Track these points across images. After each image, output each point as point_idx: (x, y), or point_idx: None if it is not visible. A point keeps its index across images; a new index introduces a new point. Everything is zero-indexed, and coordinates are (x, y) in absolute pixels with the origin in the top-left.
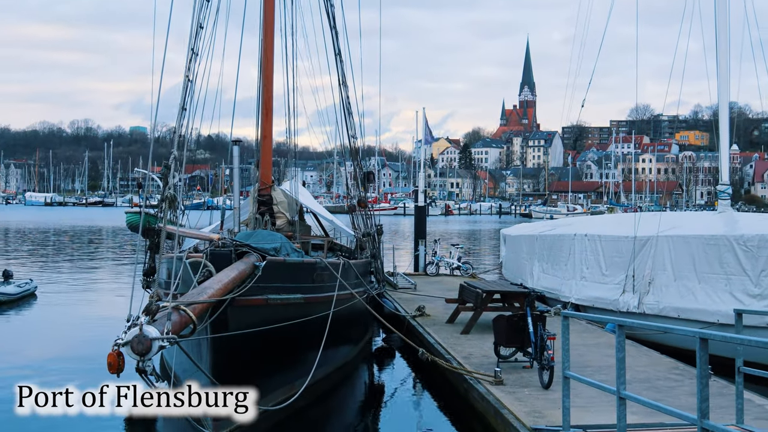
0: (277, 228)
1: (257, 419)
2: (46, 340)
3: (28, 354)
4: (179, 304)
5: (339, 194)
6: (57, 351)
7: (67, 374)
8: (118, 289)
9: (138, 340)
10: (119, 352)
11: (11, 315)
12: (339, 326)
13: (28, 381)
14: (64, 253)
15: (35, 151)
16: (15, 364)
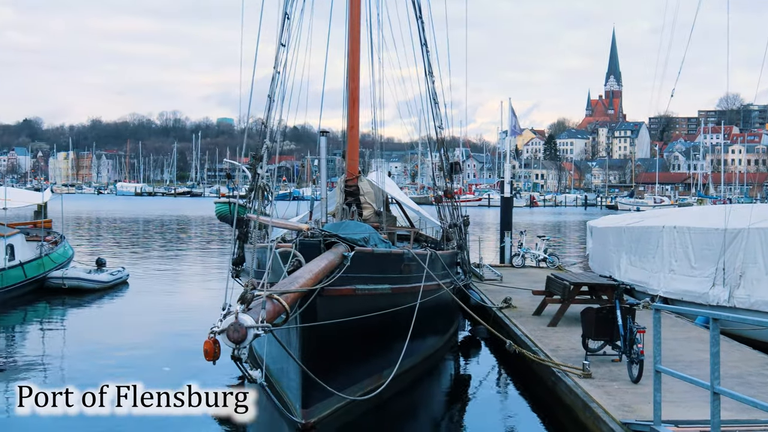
0: (363, 218)
1: (345, 409)
2: (139, 327)
3: (122, 340)
4: (273, 293)
5: (423, 185)
6: (149, 338)
7: (159, 361)
8: (207, 278)
9: (234, 328)
10: (215, 340)
11: (104, 302)
12: (425, 317)
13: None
14: (154, 242)
15: (126, 143)
16: (110, 349)
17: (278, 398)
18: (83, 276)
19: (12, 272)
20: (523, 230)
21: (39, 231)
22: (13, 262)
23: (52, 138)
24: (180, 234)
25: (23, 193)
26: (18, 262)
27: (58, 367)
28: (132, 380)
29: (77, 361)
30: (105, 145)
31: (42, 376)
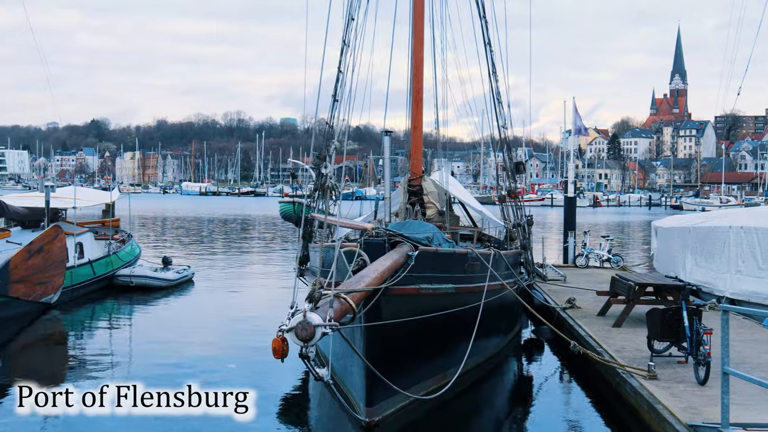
0: (427, 218)
1: (409, 408)
2: (204, 325)
3: (188, 338)
4: (340, 292)
5: (486, 185)
6: (214, 335)
7: (225, 358)
8: (270, 277)
9: (302, 326)
10: (283, 338)
11: (170, 300)
12: (489, 317)
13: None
14: (218, 241)
15: (191, 143)
16: (176, 347)
17: (342, 397)
18: (150, 274)
19: (81, 270)
20: (586, 230)
21: (107, 230)
22: (82, 260)
23: (119, 138)
24: (244, 233)
25: (92, 193)
26: (87, 260)
27: (126, 364)
28: (199, 377)
29: (144, 358)
30: (170, 145)
31: (109, 373)
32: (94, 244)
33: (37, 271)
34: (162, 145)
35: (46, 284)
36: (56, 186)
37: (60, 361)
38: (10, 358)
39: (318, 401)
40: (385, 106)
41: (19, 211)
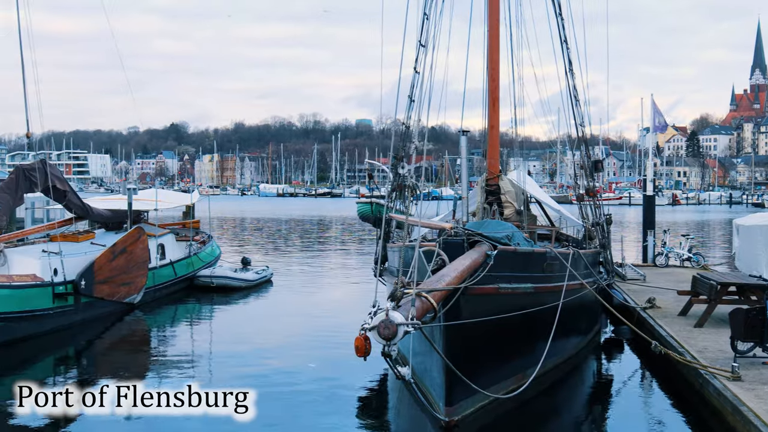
0: (504, 217)
1: (488, 407)
2: (284, 324)
3: (268, 337)
4: (421, 291)
5: (562, 184)
6: (294, 334)
7: (305, 357)
8: (348, 277)
9: (384, 325)
10: (366, 336)
11: (250, 300)
12: (568, 316)
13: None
14: (296, 241)
15: (267, 145)
16: (257, 346)
17: (421, 396)
18: (230, 275)
19: (163, 271)
20: (666, 229)
21: (188, 231)
22: (163, 261)
23: (198, 141)
24: (321, 234)
25: (173, 195)
26: (168, 261)
27: (207, 363)
28: (279, 377)
29: (225, 358)
30: (248, 147)
31: (191, 372)
32: (176, 245)
33: (121, 272)
34: (239, 147)
35: (129, 285)
36: (138, 189)
37: (143, 360)
38: (95, 357)
39: (397, 400)
40: (462, 106)
41: (102, 214)
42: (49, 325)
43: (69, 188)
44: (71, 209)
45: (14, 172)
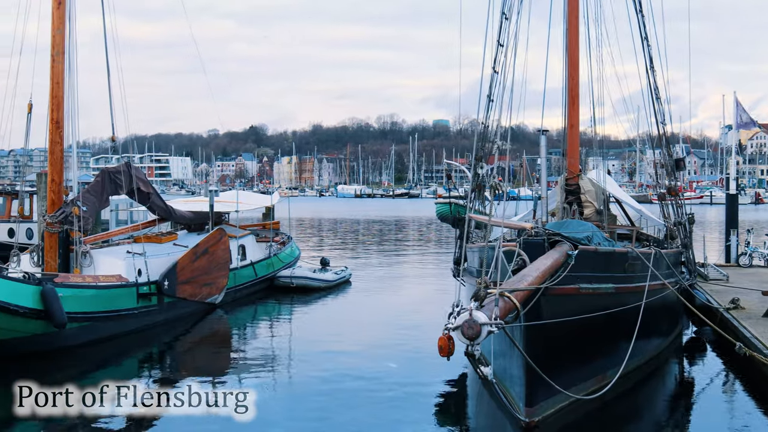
0: (584, 217)
1: (568, 408)
2: (363, 324)
3: (348, 337)
4: (504, 291)
5: (641, 183)
6: (373, 334)
7: (385, 357)
8: (426, 277)
9: (468, 324)
10: (450, 336)
11: (329, 300)
12: (650, 317)
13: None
14: (374, 242)
15: (345, 146)
16: (337, 346)
17: (503, 396)
18: (309, 275)
19: (244, 271)
20: (749, 228)
21: (268, 232)
22: (244, 262)
23: (276, 143)
24: (398, 234)
25: (254, 197)
26: (249, 261)
27: (286, 363)
28: (359, 376)
29: (304, 358)
30: (325, 149)
31: (270, 374)
32: (256, 246)
33: (203, 273)
34: (317, 149)
35: (210, 285)
36: (219, 190)
37: (224, 360)
38: (178, 356)
39: (476, 400)
40: (543, 106)
41: (185, 215)
42: (133, 325)
43: (153, 190)
44: (155, 211)
45: (100, 175)
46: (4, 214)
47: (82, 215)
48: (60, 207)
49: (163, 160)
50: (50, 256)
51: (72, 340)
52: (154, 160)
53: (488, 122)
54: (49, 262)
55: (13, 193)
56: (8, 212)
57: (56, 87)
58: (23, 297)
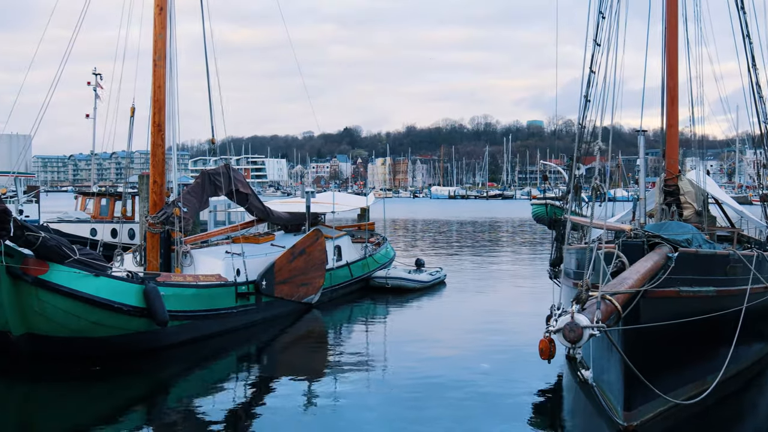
0: (683, 218)
1: (667, 413)
2: (458, 325)
3: (443, 338)
4: (606, 293)
5: (741, 184)
6: (468, 335)
7: (479, 358)
8: (520, 279)
9: (570, 327)
10: (550, 339)
11: (424, 301)
12: (751, 321)
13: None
14: (468, 243)
15: (439, 148)
16: (432, 347)
17: (598, 400)
18: (404, 276)
19: (339, 272)
20: None
21: (363, 233)
22: (340, 263)
23: (370, 145)
24: (492, 235)
25: (349, 198)
26: (345, 262)
27: (381, 363)
28: (452, 378)
29: (399, 358)
30: (419, 150)
31: (365, 373)
32: (352, 247)
33: (300, 273)
34: (411, 150)
35: (307, 285)
36: (315, 192)
37: (320, 359)
38: (275, 354)
39: (572, 404)
40: (642, 105)
41: (282, 216)
42: (231, 324)
43: (251, 192)
44: (253, 212)
45: (200, 177)
46: (107, 215)
47: (183, 216)
48: (161, 208)
49: (259, 162)
50: (152, 256)
51: (173, 338)
52: (251, 161)
53: (585, 123)
54: (151, 261)
55: (116, 194)
56: (111, 213)
57: (158, 91)
58: (127, 295)
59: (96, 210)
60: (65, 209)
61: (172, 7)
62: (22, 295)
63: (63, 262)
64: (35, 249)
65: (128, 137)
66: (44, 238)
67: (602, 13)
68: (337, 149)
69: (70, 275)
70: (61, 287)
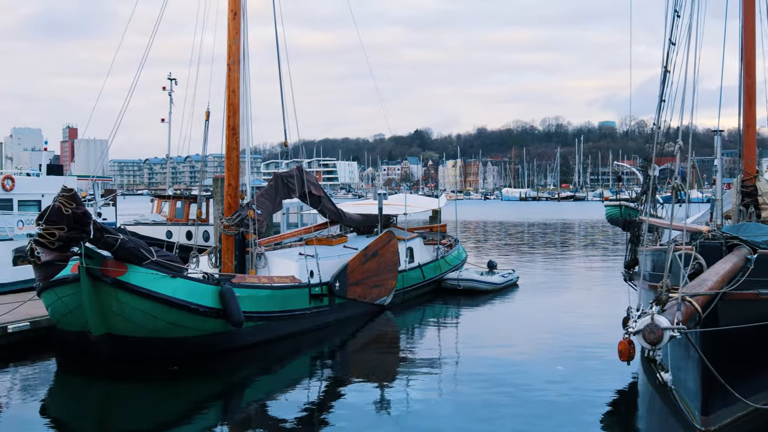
0: (762, 220)
1: (747, 417)
2: (531, 327)
3: (516, 340)
4: (686, 295)
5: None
6: (541, 338)
7: (553, 360)
8: (594, 281)
9: (650, 329)
10: (630, 341)
11: (496, 303)
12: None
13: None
14: (540, 245)
15: (510, 149)
16: (504, 349)
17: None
18: (476, 278)
19: (412, 273)
20: None
21: (435, 235)
22: (412, 264)
23: (441, 147)
24: (564, 237)
25: (421, 200)
26: (417, 264)
27: (453, 365)
28: (527, 378)
29: (471, 359)
30: (490, 152)
31: (437, 375)
32: (423, 248)
33: (372, 275)
34: (482, 152)
35: (380, 287)
36: (387, 194)
37: (392, 361)
38: (348, 355)
39: (647, 406)
40: (719, 105)
41: (354, 218)
42: (305, 325)
43: (323, 194)
44: (325, 214)
45: (273, 180)
46: (182, 218)
47: (257, 218)
48: (236, 210)
49: (331, 165)
50: (227, 258)
51: (247, 339)
52: (322, 164)
53: (660, 123)
54: (226, 263)
55: (191, 197)
56: (186, 215)
57: (232, 95)
58: (203, 296)
59: (171, 213)
60: (141, 212)
61: (244, 12)
62: (101, 296)
63: (141, 264)
64: (114, 251)
65: (203, 141)
66: (123, 240)
67: (677, 12)
68: (407, 151)
69: (148, 276)
70: (139, 288)
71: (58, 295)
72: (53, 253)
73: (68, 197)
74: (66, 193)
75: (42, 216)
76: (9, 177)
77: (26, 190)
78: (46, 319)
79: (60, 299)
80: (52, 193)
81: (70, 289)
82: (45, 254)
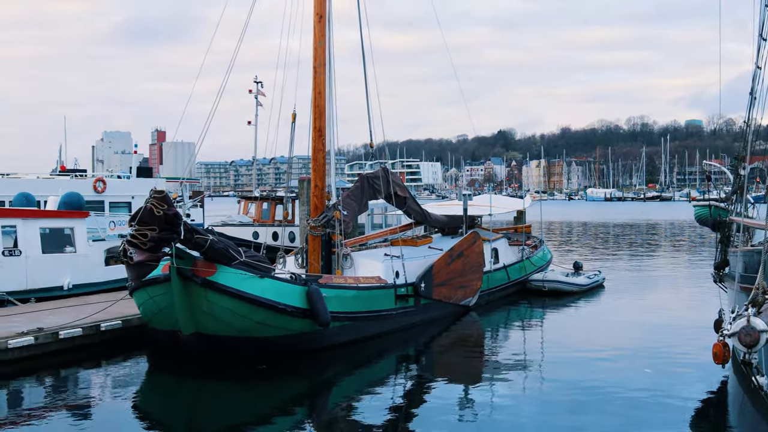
0: None
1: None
2: (618, 330)
3: (602, 342)
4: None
5: None
6: (628, 340)
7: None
8: (681, 282)
9: (746, 331)
10: (725, 343)
11: (582, 305)
12: None
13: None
14: (626, 245)
15: (594, 149)
16: (590, 351)
17: None
18: (562, 279)
19: (496, 274)
20: None
21: (520, 236)
22: (497, 265)
23: (524, 147)
24: (651, 238)
25: (506, 200)
26: (502, 264)
27: (537, 366)
28: (614, 381)
29: (556, 362)
30: (574, 152)
31: (522, 376)
32: (508, 249)
33: (457, 276)
34: (566, 152)
35: (465, 288)
36: (472, 194)
37: (477, 362)
38: (433, 356)
39: (738, 410)
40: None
41: (439, 219)
42: (390, 325)
43: (408, 195)
44: (410, 215)
45: (359, 181)
46: (269, 219)
47: (343, 219)
48: (323, 211)
49: (414, 166)
50: (314, 258)
51: (334, 339)
52: (405, 165)
53: (750, 120)
54: (313, 263)
55: (277, 198)
56: (272, 217)
57: (318, 97)
58: (291, 296)
59: (258, 214)
60: (228, 213)
61: (330, 15)
62: (191, 296)
63: (230, 264)
64: (204, 251)
65: (290, 143)
66: (212, 241)
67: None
68: (490, 152)
69: (237, 277)
70: (228, 288)
71: (149, 295)
72: (145, 253)
73: (159, 199)
74: (157, 195)
75: (134, 217)
76: (101, 179)
77: (117, 192)
78: (137, 317)
79: (151, 298)
80: (142, 195)
81: (161, 289)
82: (137, 255)
